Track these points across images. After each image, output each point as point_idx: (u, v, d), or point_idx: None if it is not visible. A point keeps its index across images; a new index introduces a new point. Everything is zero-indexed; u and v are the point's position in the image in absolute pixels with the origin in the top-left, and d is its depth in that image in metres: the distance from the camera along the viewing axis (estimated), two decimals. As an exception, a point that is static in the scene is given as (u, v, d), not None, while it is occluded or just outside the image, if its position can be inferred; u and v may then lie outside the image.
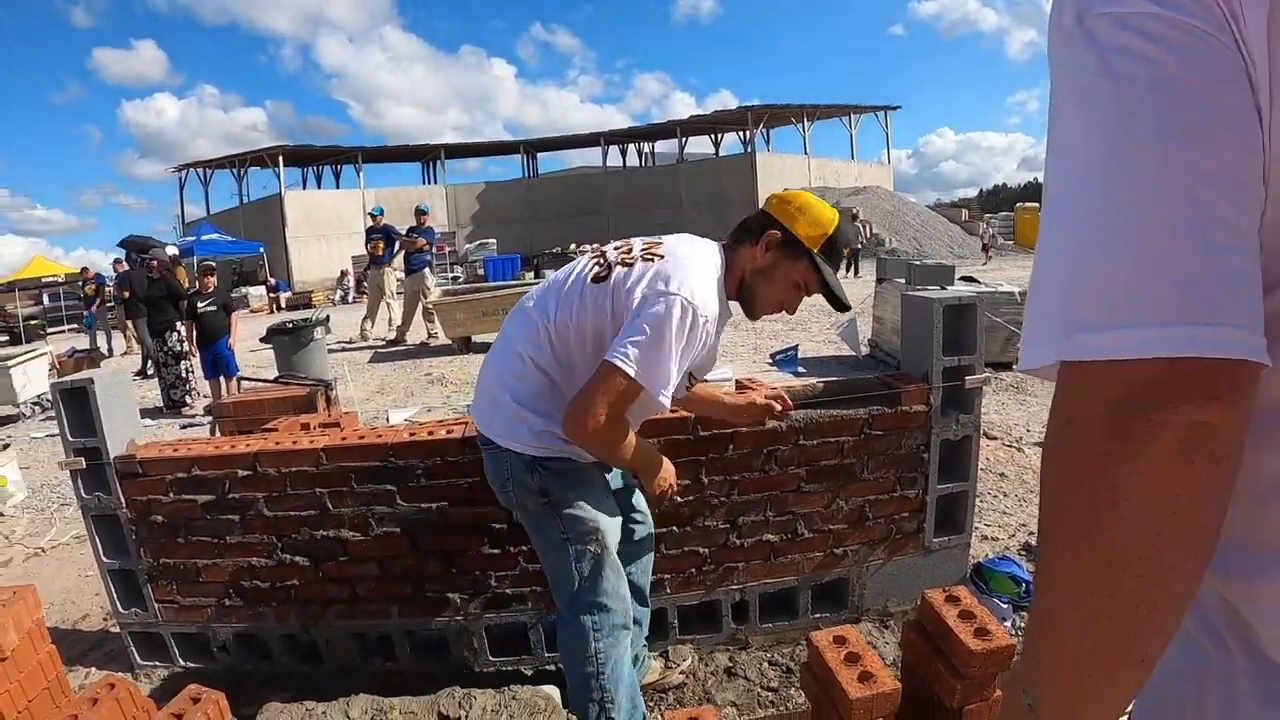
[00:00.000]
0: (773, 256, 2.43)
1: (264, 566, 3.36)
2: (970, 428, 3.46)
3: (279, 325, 9.91)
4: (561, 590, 2.59)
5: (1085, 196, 0.68)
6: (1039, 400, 7.91)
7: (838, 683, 1.90)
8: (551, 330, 2.42)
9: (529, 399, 2.44)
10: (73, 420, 3.35)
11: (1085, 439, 0.68)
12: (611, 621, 2.54)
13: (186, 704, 2.20)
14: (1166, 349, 0.61)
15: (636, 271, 2.34)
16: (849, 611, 3.57)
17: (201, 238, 33.77)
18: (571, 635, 2.56)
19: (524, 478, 2.47)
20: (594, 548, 2.51)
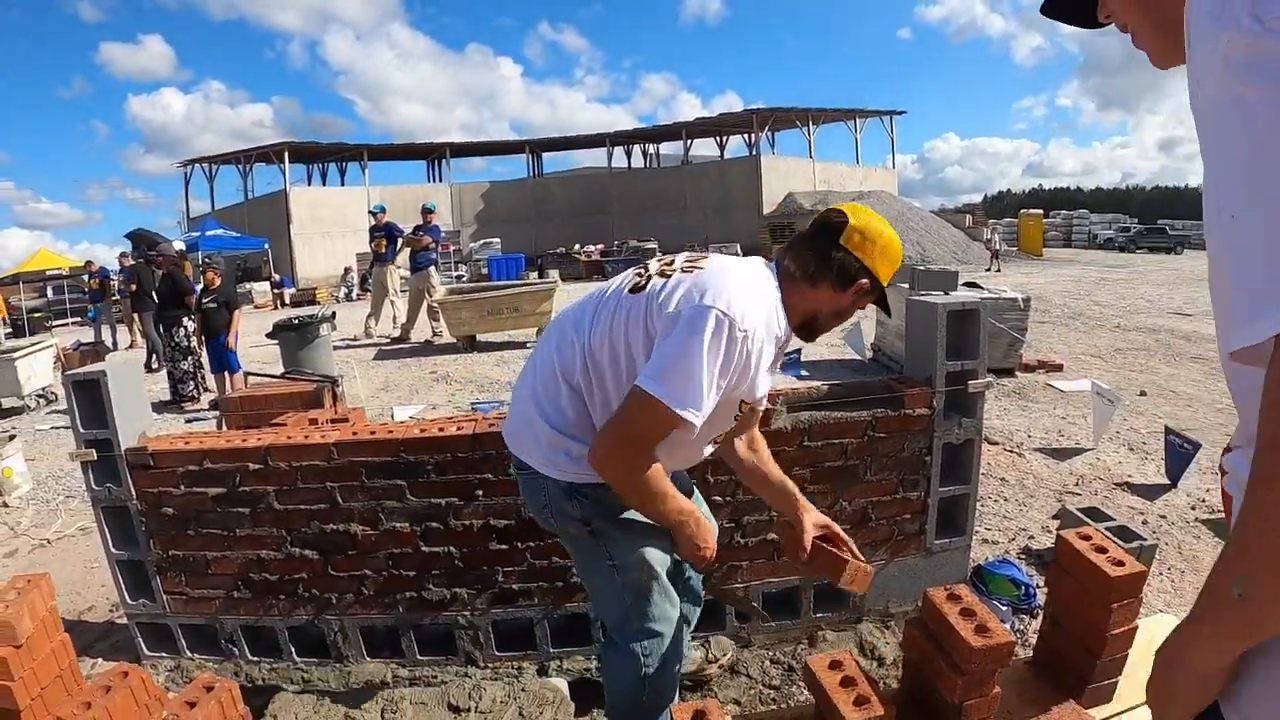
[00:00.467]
0: (855, 300, 2.28)
1: (273, 559, 3.40)
2: (972, 431, 3.49)
3: (285, 321, 9.93)
4: (609, 615, 2.48)
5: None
6: (1040, 406, 7.95)
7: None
8: (585, 346, 2.23)
9: (566, 423, 2.26)
10: (84, 412, 3.37)
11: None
12: (662, 647, 2.41)
13: (200, 692, 2.24)
14: None
15: (673, 282, 2.15)
16: (851, 611, 3.61)
17: (206, 233, 33.74)
18: (620, 660, 2.43)
19: (563, 505, 2.31)
20: (638, 575, 2.36)
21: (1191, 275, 25.43)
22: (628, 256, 34.73)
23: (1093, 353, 10.98)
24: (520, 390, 2.43)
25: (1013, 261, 35.44)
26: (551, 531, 2.46)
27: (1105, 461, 6.16)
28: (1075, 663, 2.28)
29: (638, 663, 2.38)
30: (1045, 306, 16.17)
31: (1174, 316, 14.79)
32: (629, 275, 2.31)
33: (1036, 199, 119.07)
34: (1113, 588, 2.13)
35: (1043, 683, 2.29)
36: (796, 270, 2.25)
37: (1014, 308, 9.32)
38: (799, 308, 2.27)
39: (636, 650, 2.38)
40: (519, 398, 2.42)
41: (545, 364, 2.32)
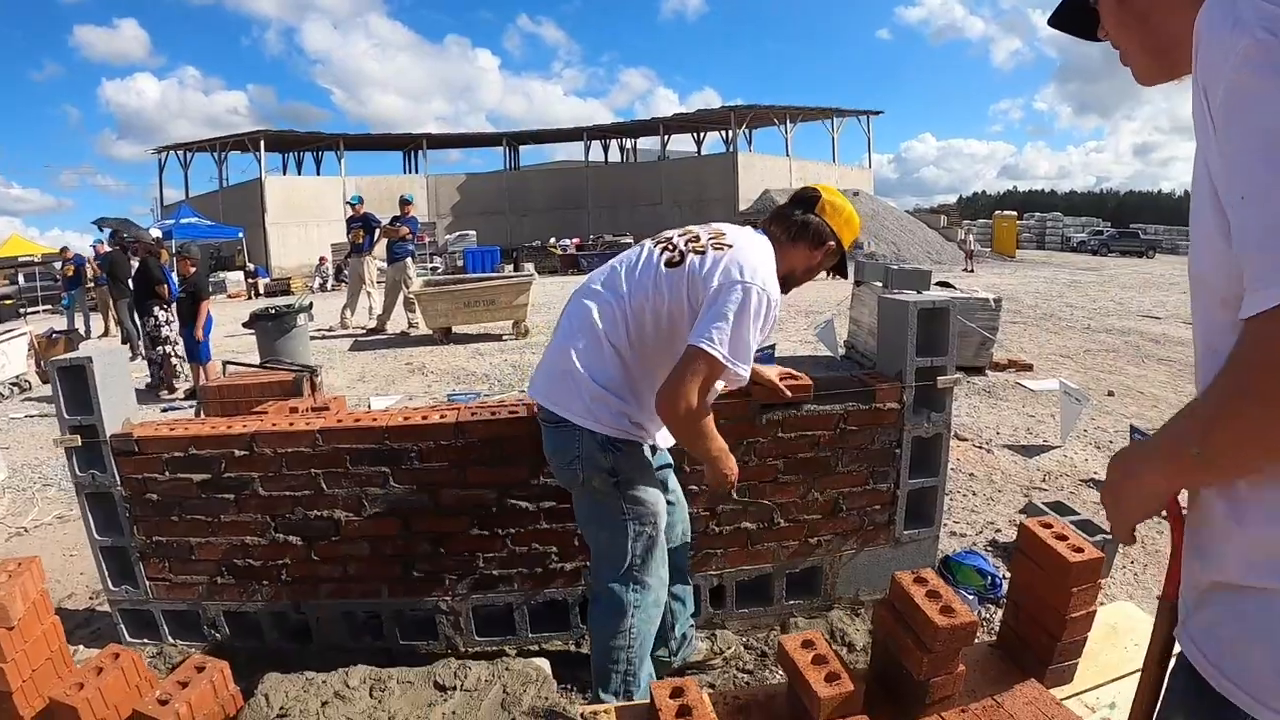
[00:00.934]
0: (823, 259, 2.78)
1: (257, 545, 3.43)
2: (941, 426, 3.59)
3: (262, 311, 9.93)
4: (610, 565, 2.71)
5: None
6: (1009, 405, 8.07)
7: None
8: (628, 311, 2.57)
9: (610, 380, 2.57)
10: (69, 398, 3.38)
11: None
12: (650, 599, 2.71)
13: (191, 672, 2.30)
14: None
15: (710, 260, 2.50)
16: (822, 599, 3.70)
17: (180, 221, 33.36)
18: (611, 609, 2.69)
19: (596, 457, 2.59)
20: (651, 529, 2.67)
21: (1162, 279, 25.66)
22: (603, 251, 34.69)
23: (1062, 353, 11.13)
24: (555, 352, 2.70)
25: (986, 262, 35.62)
26: (568, 484, 2.74)
27: (1072, 459, 6.27)
28: (1036, 645, 2.37)
29: (628, 610, 2.65)
30: (1017, 307, 16.32)
31: (1143, 319, 14.97)
32: (657, 250, 2.65)
33: (1011, 201, 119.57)
34: (1071, 573, 2.22)
35: (1006, 664, 2.38)
36: (780, 234, 2.74)
37: (985, 308, 9.43)
38: (781, 266, 2.66)
39: (630, 599, 2.65)
40: (555, 356, 2.69)
41: (587, 326, 2.61)
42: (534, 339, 12.86)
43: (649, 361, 2.58)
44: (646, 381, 2.59)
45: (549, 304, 18.06)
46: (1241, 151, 0.92)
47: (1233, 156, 0.93)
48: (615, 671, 2.68)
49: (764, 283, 2.45)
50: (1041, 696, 2.05)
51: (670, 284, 2.53)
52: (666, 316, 2.54)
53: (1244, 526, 1.05)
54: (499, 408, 3.42)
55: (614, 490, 2.63)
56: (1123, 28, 1.23)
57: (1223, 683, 1.06)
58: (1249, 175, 0.91)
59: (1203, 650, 1.10)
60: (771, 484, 3.48)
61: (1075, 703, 2.30)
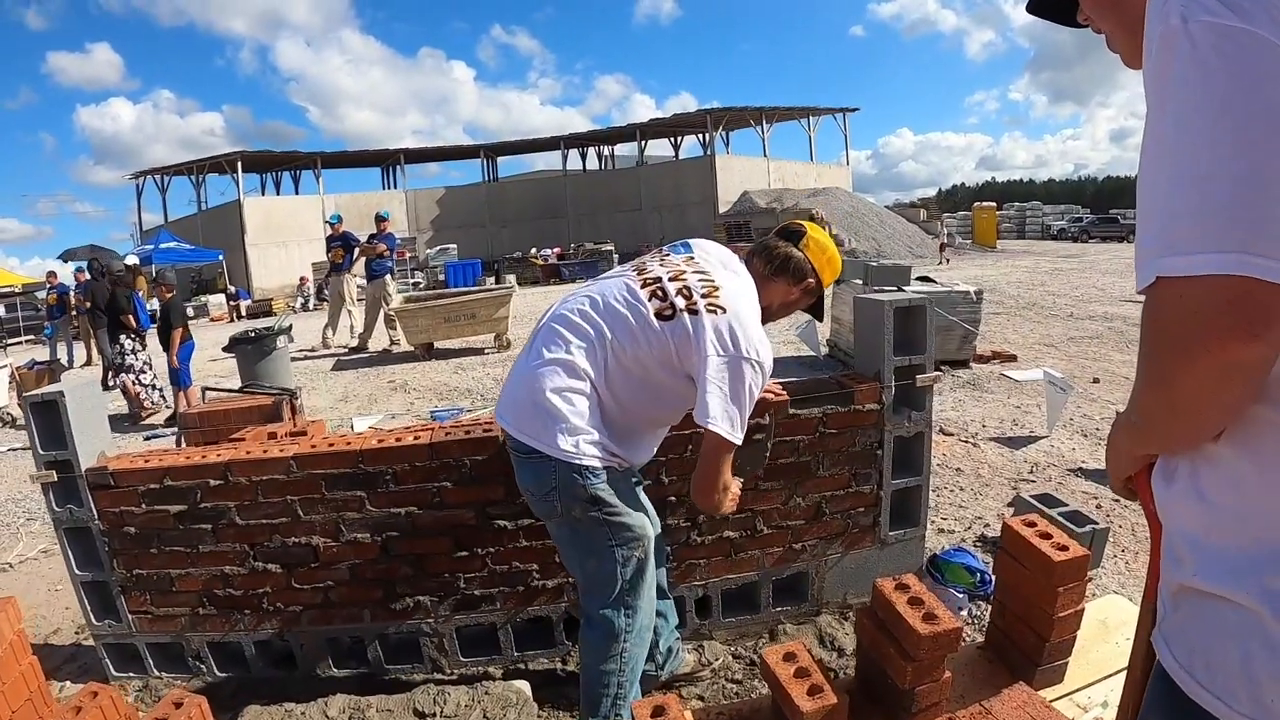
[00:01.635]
0: (799, 295, 2.83)
1: (237, 575, 3.40)
2: (922, 424, 3.57)
3: (241, 334, 9.86)
4: (600, 593, 2.65)
5: (1178, 158, 0.91)
6: (995, 397, 8.06)
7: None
8: (610, 354, 2.53)
9: (585, 412, 2.51)
10: (43, 433, 3.34)
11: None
12: (641, 623, 2.67)
13: (169, 709, 2.25)
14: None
15: (705, 325, 2.45)
16: (809, 604, 3.67)
17: (160, 245, 33.37)
18: (602, 634, 2.63)
19: (575, 487, 2.50)
20: (639, 553, 2.62)
21: (1142, 263, 25.78)
22: (585, 259, 34.73)
23: (1046, 342, 11.13)
24: (527, 380, 2.59)
25: (967, 254, 35.74)
26: (546, 516, 2.67)
27: (1059, 449, 6.27)
28: (1025, 646, 2.35)
29: (619, 635, 2.60)
30: (999, 298, 16.33)
31: (1126, 304, 15.00)
32: (645, 294, 2.57)
33: (990, 192, 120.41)
34: (1056, 572, 2.20)
35: (994, 666, 2.37)
36: (762, 268, 2.79)
37: (967, 300, 9.41)
38: (760, 300, 2.69)
39: (620, 624, 2.60)
40: (527, 384, 2.58)
41: (563, 360, 2.53)
42: (516, 351, 12.71)
43: (623, 399, 2.57)
44: (623, 416, 2.58)
45: (530, 315, 17.94)
46: (1145, 135, 0.98)
47: (1144, 142, 0.98)
48: (606, 696, 2.63)
49: (758, 353, 2.45)
50: (1031, 700, 2.02)
51: (659, 337, 2.50)
52: (649, 364, 2.53)
53: (1203, 534, 1.07)
54: (474, 426, 3.39)
55: (595, 518, 2.55)
56: (1098, 9, 1.24)
57: (1192, 686, 1.06)
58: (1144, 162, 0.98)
59: (1174, 653, 1.10)
60: (753, 492, 3.44)
61: (1067, 703, 2.28)
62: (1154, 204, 0.94)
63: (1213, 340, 0.89)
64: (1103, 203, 77.22)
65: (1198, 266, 0.87)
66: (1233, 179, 0.85)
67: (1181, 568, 1.10)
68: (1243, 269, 0.84)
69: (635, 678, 2.67)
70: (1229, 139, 0.86)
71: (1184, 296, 0.90)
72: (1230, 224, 0.85)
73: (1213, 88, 0.87)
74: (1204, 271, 0.86)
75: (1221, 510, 1.04)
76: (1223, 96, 0.86)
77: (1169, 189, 0.91)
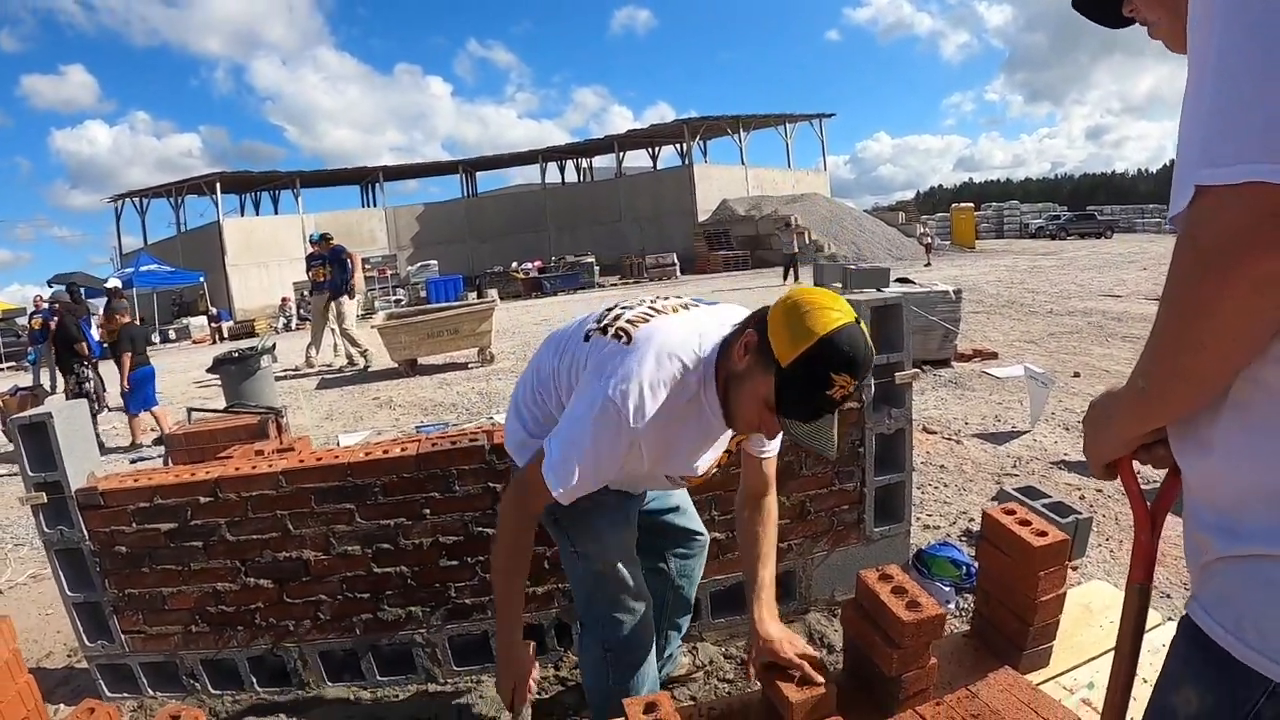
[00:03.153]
0: (747, 361, 2.01)
1: (229, 591, 3.42)
2: (903, 421, 3.62)
3: (225, 355, 9.88)
4: (578, 599, 2.66)
5: (1220, 81, 0.92)
6: (977, 394, 8.15)
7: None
8: (552, 371, 2.36)
9: (535, 427, 2.42)
10: (32, 455, 3.36)
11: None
12: (619, 633, 2.52)
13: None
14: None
15: (600, 346, 2.19)
16: (798, 602, 3.70)
17: (140, 269, 33.25)
18: (588, 643, 2.61)
19: None
20: (599, 565, 2.49)
21: (1121, 258, 26.10)
22: (566, 272, 34.85)
23: (1027, 339, 11.24)
24: (514, 392, 2.60)
25: (946, 255, 35.96)
26: None
27: (1042, 442, 6.34)
28: (1009, 631, 2.39)
29: (601, 647, 2.54)
30: (979, 297, 16.46)
31: (1104, 298, 15.17)
32: (593, 319, 2.35)
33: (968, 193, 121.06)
34: (1036, 557, 2.25)
35: (980, 653, 2.40)
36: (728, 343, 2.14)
37: (946, 300, 9.50)
38: (720, 375, 2.13)
39: (599, 634, 2.53)
40: (511, 404, 2.60)
41: (529, 378, 2.51)
42: (500, 365, 12.83)
43: (543, 421, 2.42)
44: None
45: (513, 329, 18.07)
46: (1194, 54, 0.98)
47: (1194, 56, 0.98)
48: (603, 692, 2.61)
49: (623, 398, 2.01)
50: (1017, 683, 2.06)
51: (574, 356, 2.28)
52: (553, 383, 2.35)
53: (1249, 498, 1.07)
54: (459, 437, 3.42)
55: (556, 527, 2.52)
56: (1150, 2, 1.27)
57: (1244, 651, 1.05)
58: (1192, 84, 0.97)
59: (1219, 621, 1.09)
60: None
61: (1053, 686, 2.31)
62: (1194, 129, 0.95)
63: (1252, 250, 0.90)
64: (1080, 200, 77.89)
65: (1237, 175, 0.88)
66: (1270, 96, 0.88)
67: (1226, 536, 1.09)
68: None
69: (630, 676, 2.58)
70: (1261, 59, 0.88)
71: (1221, 207, 0.91)
72: (1269, 135, 0.87)
73: (1250, 10, 0.89)
74: (1242, 180, 0.88)
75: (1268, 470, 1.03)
76: (1258, 19, 0.89)
77: (1210, 110, 0.93)
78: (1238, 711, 1.05)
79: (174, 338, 33.59)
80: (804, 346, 1.85)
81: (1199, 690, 1.12)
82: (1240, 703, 1.04)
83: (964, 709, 1.96)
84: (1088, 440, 1.39)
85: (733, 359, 2.05)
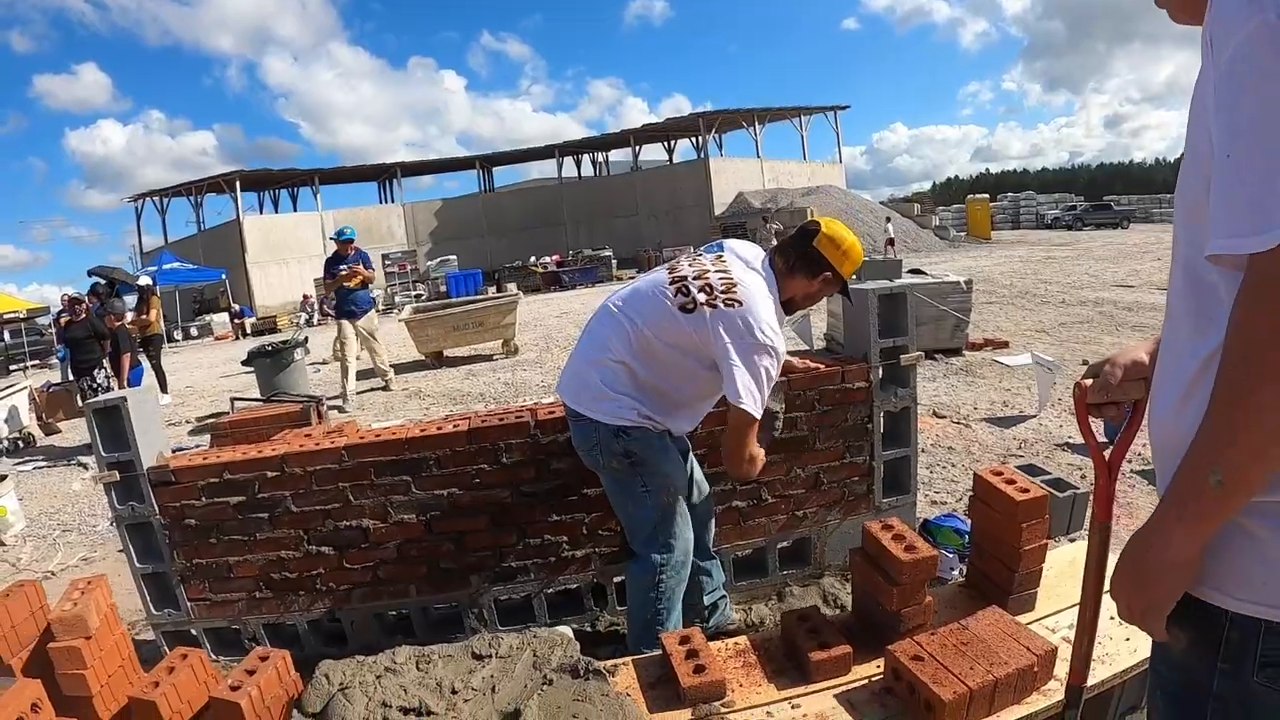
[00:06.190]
0: (819, 286, 3.09)
1: (292, 558, 3.69)
2: (908, 399, 3.90)
3: (260, 348, 10.19)
4: (638, 534, 3.15)
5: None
6: (986, 381, 8.40)
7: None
8: (636, 335, 2.97)
9: (615, 383, 3.00)
10: (105, 437, 3.62)
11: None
12: (676, 559, 3.09)
13: (256, 662, 2.58)
14: None
15: (724, 316, 2.83)
16: (813, 568, 4.01)
17: (163, 267, 33.45)
18: (643, 569, 3.12)
19: (611, 444, 3.01)
20: (667, 498, 3.07)
21: (1135, 249, 26.02)
22: (584, 266, 35.05)
23: (1038, 328, 11.47)
24: (576, 360, 3.19)
25: (962, 246, 36.05)
26: (594, 468, 3.18)
27: (1047, 427, 6.60)
28: (998, 579, 2.69)
29: (656, 568, 3.07)
30: (992, 287, 16.61)
31: (1116, 289, 15.28)
32: (671, 290, 2.97)
33: (984, 183, 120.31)
34: (1020, 511, 2.55)
35: (973, 600, 2.70)
36: (782, 265, 3.07)
37: (957, 290, 9.73)
38: (783, 294, 3.04)
39: (656, 560, 3.07)
40: (578, 363, 3.17)
41: (602, 343, 3.08)
42: (524, 356, 13.14)
43: (655, 374, 2.99)
44: (657, 389, 3.02)
45: (534, 322, 18.32)
46: (1236, 113, 1.03)
47: (1228, 115, 1.05)
48: (647, 621, 3.09)
49: (772, 340, 2.80)
50: (1002, 619, 2.38)
51: (680, 326, 2.89)
52: (679, 349, 2.93)
53: None
54: (506, 414, 3.73)
55: (630, 469, 3.05)
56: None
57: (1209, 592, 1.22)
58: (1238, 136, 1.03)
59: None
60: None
61: (1038, 626, 2.60)
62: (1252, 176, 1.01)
63: None
64: (1097, 190, 77.19)
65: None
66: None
67: None
68: None
69: (673, 606, 3.11)
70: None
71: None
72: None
73: None
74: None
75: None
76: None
77: (1268, 168, 0.99)
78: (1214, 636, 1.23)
79: (196, 335, 33.92)
80: (855, 267, 3.07)
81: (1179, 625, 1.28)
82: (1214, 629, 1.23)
83: (955, 638, 2.28)
84: (1138, 589, 1.28)
85: (808, 288, 3.09)
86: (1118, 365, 1.62)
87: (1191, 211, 1.19)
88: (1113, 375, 1.62)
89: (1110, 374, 1.62)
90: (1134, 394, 1.61)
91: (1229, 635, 1.22)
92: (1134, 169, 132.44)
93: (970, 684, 2.09)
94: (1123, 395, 1.62)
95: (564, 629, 2.87)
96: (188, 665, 2.63)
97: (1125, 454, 1.69)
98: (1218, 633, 1.23)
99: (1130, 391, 1.61)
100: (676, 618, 3.14)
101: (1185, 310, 1.25)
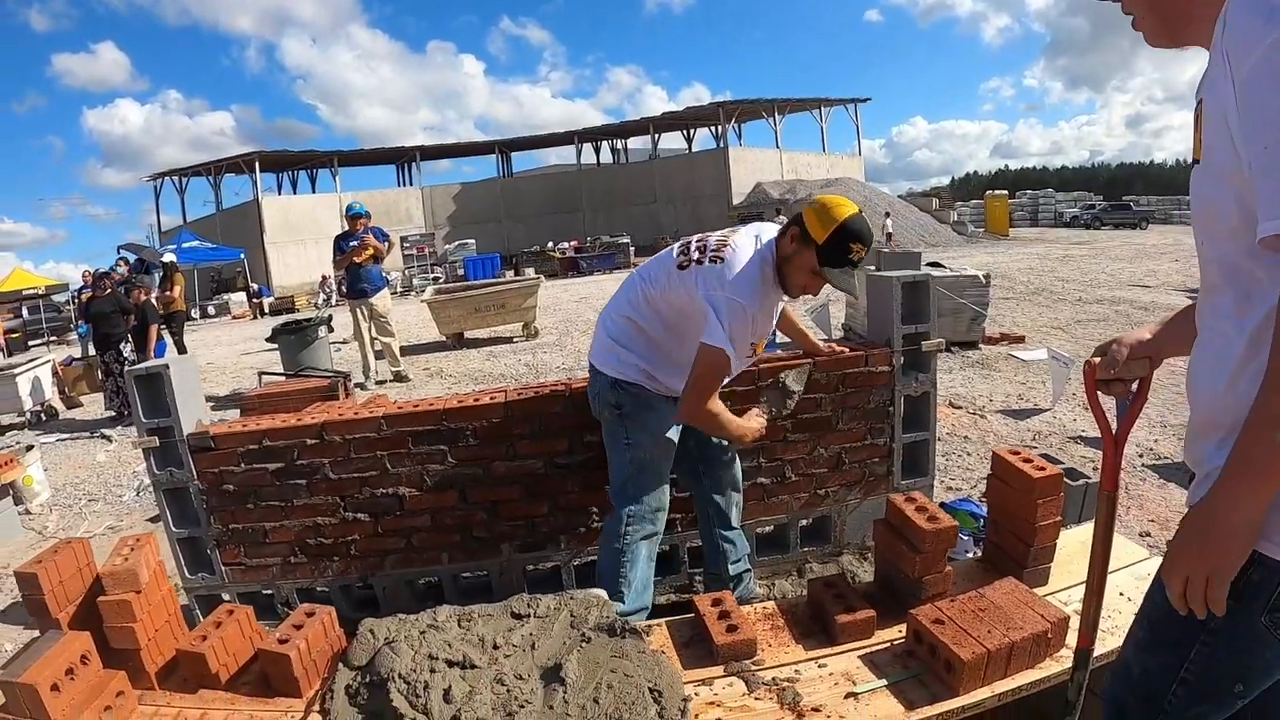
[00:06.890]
0: (794, 247, 2.94)
1: (328, 524, 3.79)
2: (928, 384, 4.00)
3: (284, 325, 10.31)
4: (614, 484, 3.34)
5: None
6: (1002, 375, 8.49)
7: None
8: (643, 294, 3.20)
9: (621, 338, 3.24)
10: (146, 404, 3.72)
11: None
12: (640, 514, 3.25)
13: (303, 617, 2.70)
14: None
15: (705, 271, 2.98)
16: (832, 545, 4.13)
17: (182, 245, 33.66)
18: (611, 520, 3.32)
19: (606, 394, 3.24)
20: (644, 454, 3.24)
21: (1154, 250, 25.97)
22: (602, 252, 35.14)
23: (1054, 325, 11.55)
24: (601, 318, 3.43)
25: (979, 242, 36.05)
26: (596, 416, 3.39)
27: (1061, 419, 6.70)
28: (1014, 553, 2.80)
29: (621, 521, 3.24)
30: (1009, 284, 16.71)
31: (1133, 289, 15.32)
32: (676, 252, 3.18)
33: (1003, 180, 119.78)
34: (1036, 488, 2.67)
35: (990, 573, 2.81)
36: (784, 241, 3.03)
37: (975, 284, 9.83)
38: (792, 270, 2.99)
39: (622, 512, 3.25)
40: (600, 324, 3.42)
41: (618, 300, 3.35)
42: (544, 339, 13.27)
43: (659, 330, 3.18)
44: (659, 349, 3.20)
45: (553, 306, 18.43)
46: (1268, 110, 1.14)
47: (1260, 114, 1.15)
48: (610, 574, 3.27)
49: (735, 293, 2.87)
50: (1017, 588, 2.50)
51: (675, 282, 3.07)
52: (672, 303, 3.11)
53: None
54: (541, 388, 3.84)
55: (618, 420, 3.25)
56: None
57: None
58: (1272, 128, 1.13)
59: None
60: (781, 443, 3.89)
61: (1051, 599, 2.71)
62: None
63: None
64: (1116, 189, 76.71)
65: None
66: None
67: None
68: None
69: (635, 563, 3.26)
70: None
71: None
72: None
73: None
74: None
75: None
76: None
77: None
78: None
79: (213, 313, 34.15)
80: (831, 229, 2.82)
81: None
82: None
83: (973, 604, 2.40)
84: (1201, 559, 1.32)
85: (783, 247, 2.99)
86: (1124, 344, 1.77)
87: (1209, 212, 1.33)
88: (1119, 353, 1.76)
89: (1117, 352, 1.77)
90: (1139, 371, 1.76)
91: (1251, 576, 1.31)
92: (1154, 169, 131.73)
93: (988, 645, 2.21)
94: (1129, 373, 1.76)
95: (599, 591, 2.99)
96: (234, 620, 2.75)
97: (1131, 428, 1.82)
98: (1239, 577, 1.31)
99: (1135, 369, 1.76)
100: (642, 576, 3.28)
101: (1223, 299, 1.35)
